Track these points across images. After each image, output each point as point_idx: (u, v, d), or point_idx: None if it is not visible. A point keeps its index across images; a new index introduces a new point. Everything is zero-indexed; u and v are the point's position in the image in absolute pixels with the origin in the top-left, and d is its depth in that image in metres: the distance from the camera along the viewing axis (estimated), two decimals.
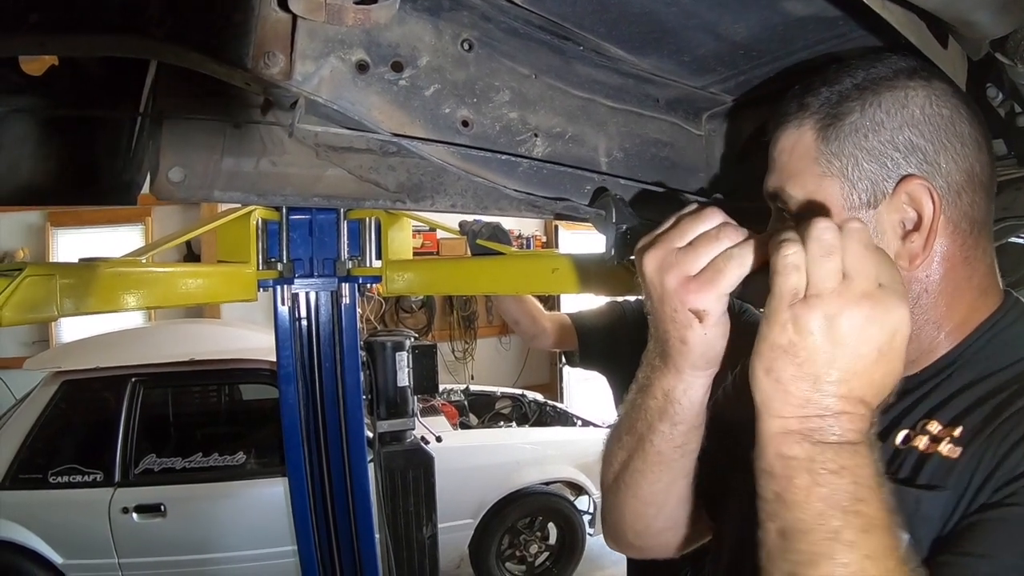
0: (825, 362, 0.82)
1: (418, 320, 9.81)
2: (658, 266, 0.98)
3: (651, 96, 1.58)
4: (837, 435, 0.82)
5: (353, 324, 3.03)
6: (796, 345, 0.83)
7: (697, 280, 0.95)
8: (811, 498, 0.81)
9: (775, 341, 0.84)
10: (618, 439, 1.25)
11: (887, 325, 0.83)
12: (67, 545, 4.88)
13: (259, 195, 1.61)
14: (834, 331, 0.82)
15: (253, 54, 1.10)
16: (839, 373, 0.82)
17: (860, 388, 0.84)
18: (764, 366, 0.86)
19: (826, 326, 0.81)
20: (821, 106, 1.07)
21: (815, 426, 0.83)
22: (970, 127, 1.04)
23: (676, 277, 0.96)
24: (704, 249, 0.95)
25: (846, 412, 0.83)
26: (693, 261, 0.96)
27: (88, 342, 5.77)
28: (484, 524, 5.79)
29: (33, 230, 8.28)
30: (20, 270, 1.54)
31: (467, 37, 1.32)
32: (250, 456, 5.27)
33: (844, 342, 0.82)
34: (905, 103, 1.03)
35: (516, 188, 1.43)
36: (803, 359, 0.83)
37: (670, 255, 0.97)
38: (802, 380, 0.83)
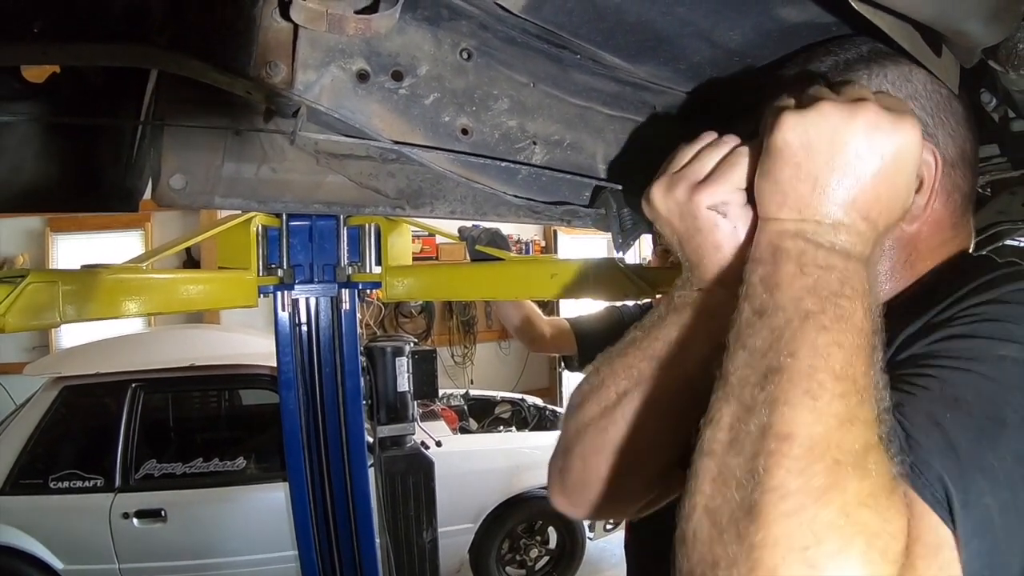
0: (824, 163, 0.82)
1: (417, 325, 9.82)
2: (664, 190, 0.99)
3: (648, 103, 1.59)
4: (832, 241, 0.82)
5: (353, 329, 3.04)
6: (792, 145, 0.82)
7: (708, 180, 0.95)
8: (794, 284, 0.79)
9: (772, 144, 0.84)
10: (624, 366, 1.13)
11: (893, 137, 0.82)
12: (68, 550, 4.89)
13: (260, 202, 1.62)
14: (833, 132, 0.81)
15: (255, 63, 1.11)
16: (839, 177, 0.82)
17: (863, 200, 0.83)
18: (763, 170, 0.85)
19: (824, 125, 0.81)
20: (827, 72, 1.08)
21: (810, 229, 0.82)
22: (963, 109, 1.09)
23: (684, 188, 0.97)
24: (707, 156, 0.97)
25: (845, 224, 0.82)
26: (698, 169, 0.97)
27: (88, 348, 5.78)
28: (484, 528, 5.79)
29: (33, 235, 8.29)
30: (23, 277, 1.55)
31: (466, 46, 1.33)
32: (250, 461, 5.27)
33: (845, 144, 0.81)
34: (909, 77, 1.06)
35: (516, 194, 1.44)
36: (800, 159, 0.82)
37: (674, 176, 0.99)
38: (800, 181, 0.83)
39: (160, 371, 5.32)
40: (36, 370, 5.61)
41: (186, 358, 5.38)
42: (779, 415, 0.72)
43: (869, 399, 0.74)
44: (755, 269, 0.84)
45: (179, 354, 5.49)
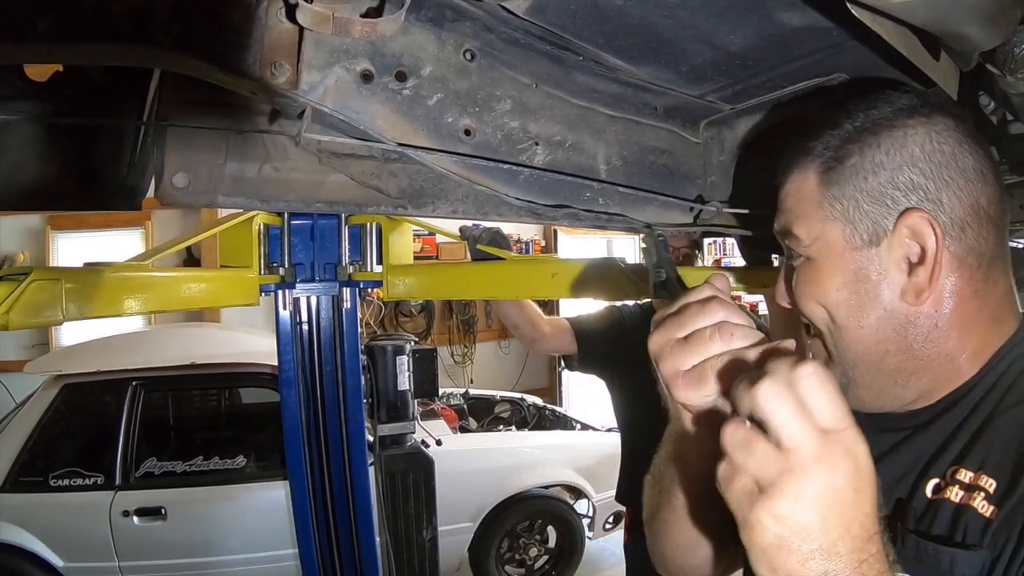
0: (819, 530, 0.78)
1: (417, 324, 9.82)
2: (658, 352, 1.02)
3: (649, 104, 1.60)
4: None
5: (354, 328, 3.04)
6: (783, 536, 0.79)
7: (686, 377, 0.98)
8: None
9: (762, 545, 0.80)
10: (652, 484, 1.31)
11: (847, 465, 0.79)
12: (68, 548, 4.89)
13: (262, 201, 1.63)
14: (809, 503, 0.78)
15: (260, 64, 1.12)
16: (838, 531, 0.79)
17: (860, 528, 0.80)
18: (768, 568, 0.81)
19: (798, 504, 0.78)
20: (823, 150, 1.08)
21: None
22: (974, 160, 1.03)
23: (669, 368, 1.00)
24: (696, 349, 0.98)
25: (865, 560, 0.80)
26: (684, 358, 0.99)
27: (89, 346, 5.78)
28: (484, 527, 5.79)
29: (33, 233, 8.29)
30: (26, 274, 1.55)
31: (469, 47, 1.34)
32: (250, 460, 5.27)
33: (822, 504, 0.78)
34: (904, 143, 1.03)
35: (517, 196, 1.45)
36: (796, 544, 0.79)
37: (668, 344, 1.01)
38: (811, 559, 0.79)
39: (160, 369, 5.32)
40: (36, 368, 5.61)
41: (186, 356, 5.38)
42: None
43: None
44: None
45: (179, 352, 5.49)
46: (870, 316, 1.03)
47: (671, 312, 1.04)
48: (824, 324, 1.08)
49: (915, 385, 1.04)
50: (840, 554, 0.78)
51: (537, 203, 1.48)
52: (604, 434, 6.53)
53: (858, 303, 1.04)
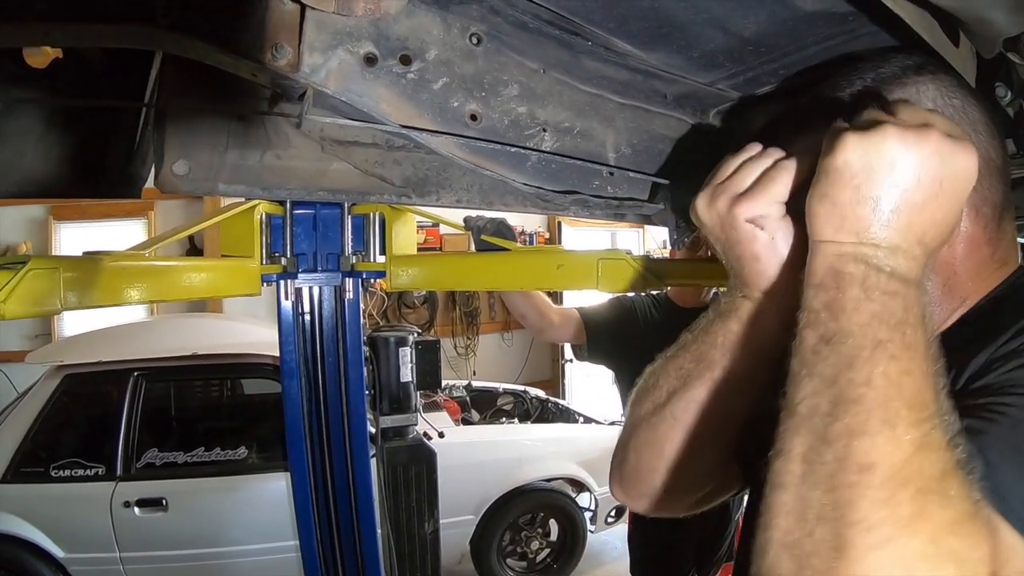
0: (885, 187, 0.81)
1: (420, 316, 9.80)
2: (707, 201, 1.02)
3: (659, 92, 1.57)
4: (891, 266, 0.81)
5: (357, 319, 3.02)
6: (852, 166, 0.82)
7: (748, 193, 0.97)
8: (861, 310, 0.79)
9: (831, 164, 0.83)
10: (675, 367, 1.20)
11: (953, 164, 0.82)
12: (69, 539, 4.88)
13: (264, 189, 1.61)
14: (895, 156, 0.81)
15: (261, 45, 1.09)
16: (898, 200, 0.81)
17: (919, 223, 0.83)
18: (819, 191, 0.84)
19: (885, 147, 0.80)
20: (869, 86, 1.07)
21: (871, 252, 0.81)
22: (980, 113, 1.05)
23: (726, 200, 0.99)
24: (750, 169, 0.99)
25: (903, 248, 0.82)
26: (740, 181, 0.99)
27: (90, 336, 5.77)
28: (486, 520, 5.79)
29: (36, 223, 8.28)
30: (24, 263, 1.53)
31: (476, 31, 1.31)
32: (252, 451, 5.26)
33: (904, 167, 0.81)
34: (917, 98, 1.02)
35: (525, 182, 1.43)
36: (860, 181, 0.81)
37: (717, 188, 1.01)
38: (860, 204, 0.82)
39: (162, 360, 5.30)
40: (38, 358, 5.60)
41: (188, 347, 5.37)
42: (857, 445, 0.72)
43: (942, 425, 0.74)
44: (816, 295, 0.83)
45: (181, 343, 5.48)
46: None
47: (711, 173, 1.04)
48: None
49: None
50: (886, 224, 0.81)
51: (545, 189, 1.46)
52: (607, 427, 6.53)
53: None
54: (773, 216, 0.97)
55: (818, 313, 0.82)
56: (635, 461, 1.29)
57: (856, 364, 0.76)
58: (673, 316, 3.70)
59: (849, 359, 0.77)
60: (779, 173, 0.96)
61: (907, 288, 0.80)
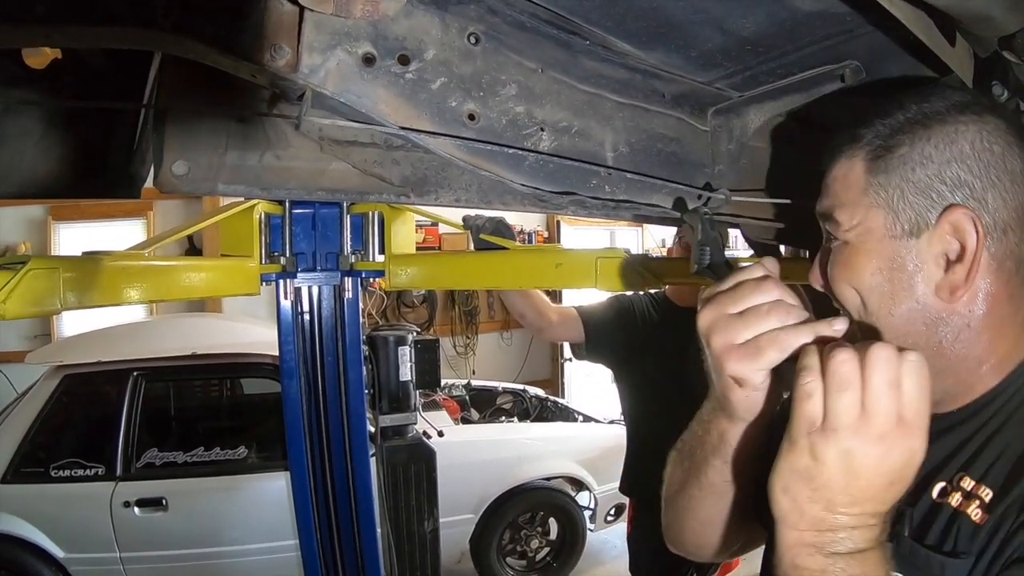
0: (839, 489, 0.88)
1: (419, 315, 9.80)
2: (709, 326, 1.04)
3: (657, 91, 1.57)
4: (848, 547, 0.89)
5: (356, 318, 3.02)
6: (811, 471, 0.89)
7: (740, 350, 1.01)
8: None
9: (793, 464, 0.91)
10: (679, 461, 1.36)
11: (901, 459, 0.87)
12: (69, 539, 4.88)
13: (263, 189, 1.61)
14: (848, 464, 0.87)
15: (260, 46, 1.09)
16: (851, 498, 0.88)
17: (871, 507, 0.89)
18: (782, 484, 0.92)
19: (840, 459, 0.87)
20: (873, 138, 1.07)
21: (828, 540, 0.89)
22: (1022, 164, 1.02)
23: (722, 342, 1.02)
24: (752, 323, 1.01)
25: (857, 527, 0.89)
26: (739, 331, 1.01)
27: (90, 336, 5.77)
28: (485, 519, 5.79)
29: (35, 224, 8.27)
30: (23, 263, 1.53)
31: (474, 31, 1.32)
32: (252, 450, 5.27)
33: (858, 473, 0.87)
34: (955, 138, 1.02)
35: (522, 182, 1.43)
36: (818, 485, 0.89)
37: (721, 319, 1.03)
38: (816, 503, 0.89)
39: (161, 359, 5.31)
40: (37, 358, 5.60)
41: (187, 347, 5.37)
42: None
43: None
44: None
45: (181, 342, 5.48)
46: (901, 306, 1.03)
47: (724, 289, 1.06)
48: (855, 309, 1.08)
49: (939, 386, 1.01)
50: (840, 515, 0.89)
51: (543, 190, 1.46)
52: (606, 426, 6.54)
53: (891, 291, 1.04)
54: (753, 382, 1.03)
55: None
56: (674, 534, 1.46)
57: None
58: (671, 315, 3.70)
59: None
60: (772, 346, 0.99)
61: (864, 564, 0.89)
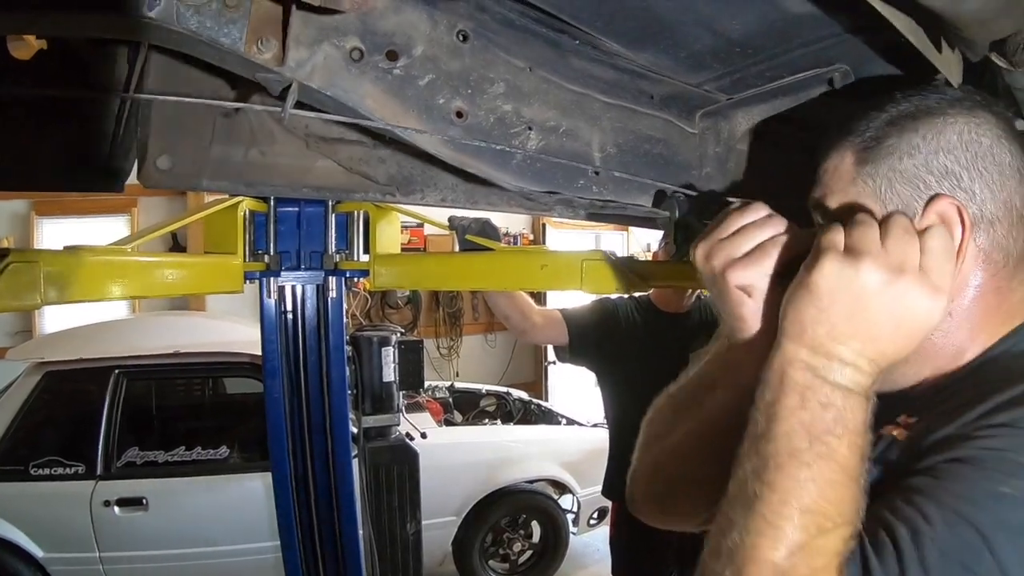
0: (844, 316, 0.90)
1: (404, 316, 9.79)
2: (706, 253, 1.09)
3: (645, 92, 1.57)
4: (837, 379, 0.90)
5: (339, 318, 3.01)
6: (820, 289, 0.91)
7: (742, 260, 1.05)
8: (791, 417, 0.89)
9: (804, 280, 0.93)
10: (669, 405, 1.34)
11: (913, 307, 0.90)
12: (48, 538, 4.84)
13: (248, 185, 1.60)
14: (861, 290, 0.89)
15: (246, 39, 1.08)
16: (855, 330, 0.90)
17: (871, 351, 0.91)
18: (790, 299, 0.94)
19: (854, 282, 0.89)
20: (864, 131, 1.09)
21: (821, 363, 0.90)
22: (1011, 157, 1.03)
23: (722, 260, 1.07)
24: (749, 235, 1.06)
25: (852, 364, 0.90)
26: (738, 246, 1.06)
27: (71, 333, 5.73)
28: (468, 521, 5.77)
29: (18, 219, 8.23)
30: (2, 256, 1.51)
31: (462, 28, 1.31)
32: (233, 450, 5.23)
33: (867, 304, 0.89)
34: (942, 129, 1.03)
35: (509, 181, 1.42)
36: (824, 305, 0.91)
37: (717, 244, 1.08)
38: (819, 324, 0.91)
39: (144, 358, 5.27)
40: (18, 355, 5.56)
41: (170, 345, 5.34)
42: (745, 543, 0.86)
43: (832, 528, 0.85)
44: (763, 392, 0.94)
45: (163, 340, 5.46)
46: None
47: (715, 222, 1.11)
48: None
49: (913, 371, 1.05)
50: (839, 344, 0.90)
51: (530, 189, 1.45)
52: (589, 429, 6.54)
53: None
54: (760, 287, 1.05)
55: (758, 411, 0.93)
56: (643, 484, 1.41)
57: (768, 466, 0.88)
58: (655, 320, 3.72)
59: (765, 460, 0.89)
60: (774, 248, 1.04)
61: (846, 399, 0.89)
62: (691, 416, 1.27)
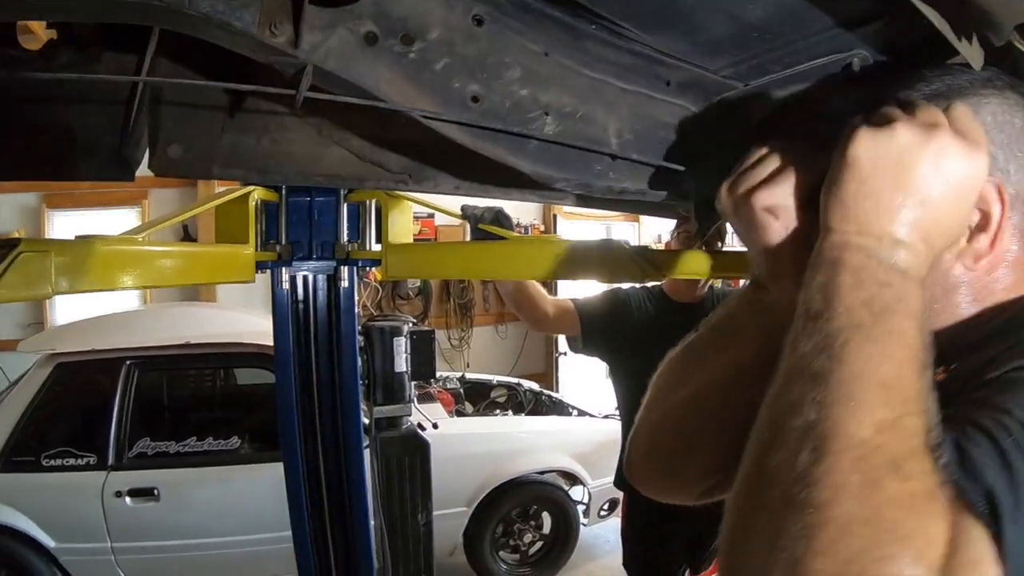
0: (889, 183, 0.85)
1: (415, 307, 9.80)
2: (728, 188, 1.06)
3: (662, 78, 1.55)
4: (890, 258, 0.83)
5: (351, 308, 3.00)
6: (859, 160, 0.85)
7: (766, 183, 1.02)
8: (849, 295, 0.82)
9: (841, 158, 0.87)
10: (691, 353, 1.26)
11: (959, 166, 0.85)
12: (60, 529, 4.87)
13: (260, 173, 1.59)
14: (900, 150, 0.84)
15: (259, 22, 1.07)
16: (903, 197, 0.84)
17: (924, 222, 0.85)
18: (829, 182, 0.89)
19: (891, 144, 0.84)
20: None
21: (871, 244, 0.84)
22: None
23: (744, 186, 1.04)
24: (770, 160, 1.03)
25: (904, 243, 0.84)
26: (759, 172, 1.03)
27: (83, 324, 5.75)
28: (478, 512, 5.78)
29: (29, 211, 8.26)
30: (14, 246, 1.50)
31: (478, 12, 1.29)
32: (244, 441, 5.25)
33: (910, 164, 0.84)
34: (977, 110, 0.99)
35: (525, 167, 1.40)
36: (866, 175, 0.85)
37: (738, 177, 1.05)
38: (864, 197, 0.85)
39: (155, 349, 5.28)
40: (30, 346, 5.58)
41: (181, 336, 5.36)
42: (823, 416, 0.75)
43: (916, 411, 0.75)
44: (814, 276, 0.86)
45: (174, 332, 5.47)
46: None
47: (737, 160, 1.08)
48: None
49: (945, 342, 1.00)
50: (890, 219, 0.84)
51: (546, 174, 1.44)
52: (600, 420, 6.53)
53: None
54: (788, 206, 1.01)
55: (811, 292, 0.85)
56: (648, 443, 1.32)
57: (834, 342, 0.79)
58: (667, 310, 3.71)
59: (830, 337, 0.80)
60: (796, 165, 1.00)
61: (904, 280, 0.83)
62: (708, 366, 1.21)
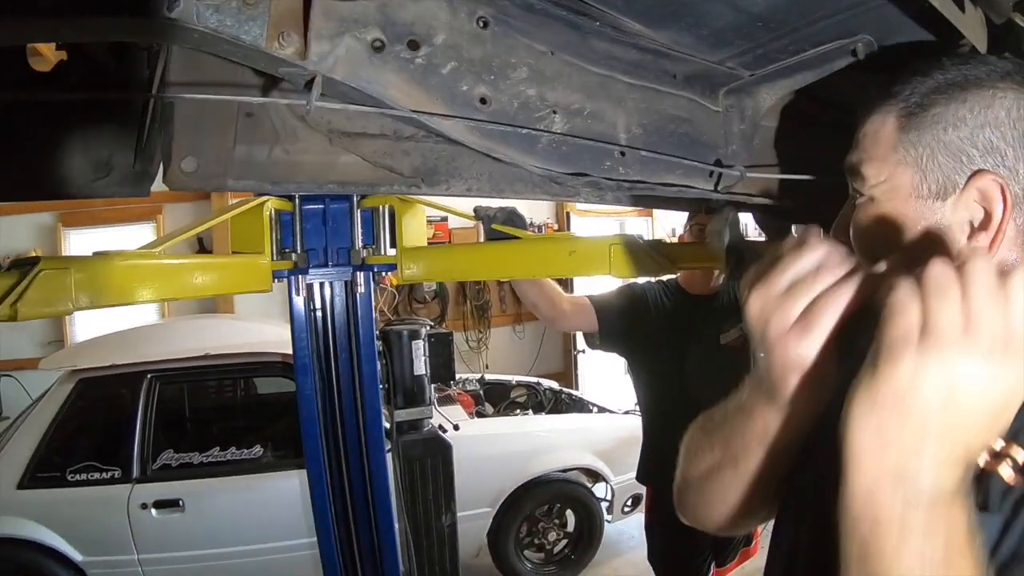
0: (936, 420, 0.76)
1: (431, 310, 9.80)
2: (759, 312, 0.97)
3: (668, 72, 1.56)
4: (931, 493, 0.77)
5: (369, 313, 3.01)
6: (904, 394, 0.76)
7: (797, 327, 0.94)
8: (898, 557, 0.76)
9: (881, 388, 0.78)
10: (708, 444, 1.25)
11: (1008, 387, 0.76)
12: (87, 542, 4.89)
13: (273, 183, 1.60)
14: (951, 387, 0.75)
15: (268, 34, 1.08)
16: (947, 431, 0.77)
17: (965, 449, 0.78)
18: (863, 414, 0.80)
19: (945, 381, 0.75)
20: (909, 95, 1.05)
21: (910, 486, 0.77)
22: None
23: (777, 327, 0.95)
24: (802, 294, 0.93)
25: (945, 464, 0.78)
26: (792, 308, 0.94)
27: (103, 340, 5.77)
28: (502, 512, 5.77)
29: (45, 230, 8.30)
30: (34, 264, 1.52)
31: (483, 14, 1.30)
32: (267, 449, 5.26)
33: (959, 401, 0.75)
34: (991, 103, 1.00)
35: (536, 165, 1.41)
36: (909, 411, 0.76)
37: (770, 302, 0.96)
38: (906, 433, 0.77)
39: (175, 361, 5.30)
40: (51, 364, 5.61)
41: (200, 347, 5.37)
42: None
43: None
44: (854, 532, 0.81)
45: (193, 344, 5.48)
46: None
47: (768, 264, 0.98)
48: None
49: None
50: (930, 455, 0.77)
51: (557, 171, 1.44)
52: (621, 417, 6.52)
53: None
54: (814, 356, 0.94)
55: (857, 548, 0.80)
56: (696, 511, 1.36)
57: None
58: (683, 303, 3.70)
59: None
60: (830, 307, 0.91)
61: (949, 513, 0.77)
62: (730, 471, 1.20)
